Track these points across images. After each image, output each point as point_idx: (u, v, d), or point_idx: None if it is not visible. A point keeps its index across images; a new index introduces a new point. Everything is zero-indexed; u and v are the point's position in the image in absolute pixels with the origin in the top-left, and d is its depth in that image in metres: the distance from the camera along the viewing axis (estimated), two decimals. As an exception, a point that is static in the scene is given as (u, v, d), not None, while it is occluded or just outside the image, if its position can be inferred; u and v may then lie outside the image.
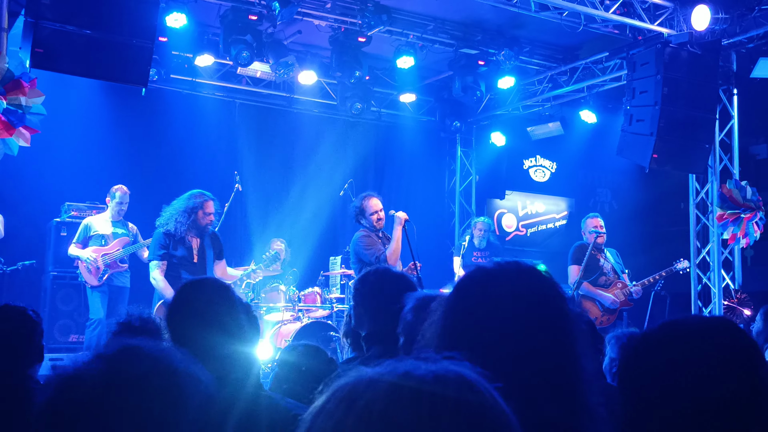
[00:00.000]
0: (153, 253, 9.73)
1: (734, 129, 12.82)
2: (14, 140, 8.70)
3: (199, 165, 13.98)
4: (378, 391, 1.26)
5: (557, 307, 2.16)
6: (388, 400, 1.24)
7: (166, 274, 9.56)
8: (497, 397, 1.32)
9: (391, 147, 16.76)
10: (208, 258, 9.86)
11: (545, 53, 14.51)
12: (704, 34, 11.46)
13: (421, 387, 1.26)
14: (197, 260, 9.75)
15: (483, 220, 14.13)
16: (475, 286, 2.21)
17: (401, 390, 1.25)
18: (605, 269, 11.39)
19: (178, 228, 9.61)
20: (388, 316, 4.80)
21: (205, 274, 9.60)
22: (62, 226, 12.39)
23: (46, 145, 11.14)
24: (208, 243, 9.91)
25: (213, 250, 9.96)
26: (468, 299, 2.19)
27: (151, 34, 9.20)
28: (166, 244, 9.62)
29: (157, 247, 9.67)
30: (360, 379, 1.30)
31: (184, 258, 9.67)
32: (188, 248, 9.72)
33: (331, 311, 12.09)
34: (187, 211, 9.65)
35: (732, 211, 12.03)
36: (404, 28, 12.83)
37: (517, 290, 2.16)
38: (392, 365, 1.33)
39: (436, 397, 1.25)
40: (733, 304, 12.17)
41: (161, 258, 9.60)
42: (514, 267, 2.24)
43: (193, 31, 12.55)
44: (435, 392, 1.26)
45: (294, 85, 14.96)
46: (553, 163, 18.33)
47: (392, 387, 1.26)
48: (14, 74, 8.62)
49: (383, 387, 1.26)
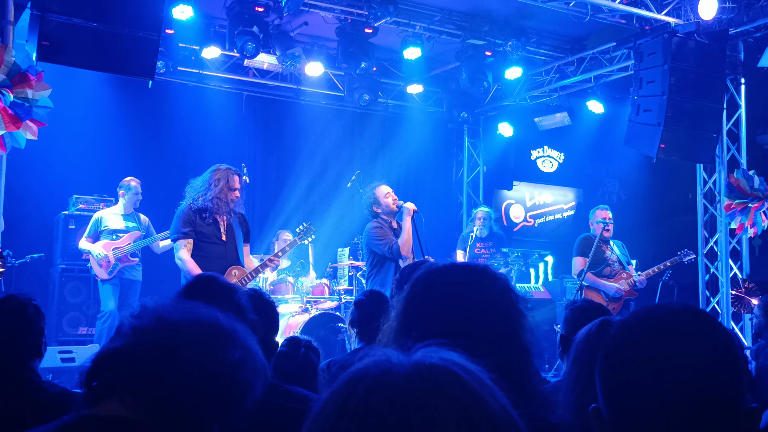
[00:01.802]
0: (176, 231, 8.81)
1: (742, 118, 12.80)
2: (21, 133, 8.71)
3: (207, 157, 13.90)
4: (367, 390, 1.27)
5: (504, 295, 2.40)
6: (375, 399, 1.25)
7: (193, 254, 8.72)
8: (482, 383, 1.33)
9: (398, 138, 16.74)
10: (238, 238, 9.05)
11: (552, 43, 14.48)
12: (711, 23, 11.42)
13: (403, 380, 1.28)
14: (225, 238, 8.93)
15: (482, 209, 14.04)
16: (429, 276, 2.46)
17: (384, 386, 1.27)
18: (610, 261, 11.38)
19: (204, 202, 8.81)
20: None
21: (235, 253, 8.99)
22: (70, 219, 12.41)
23: (53, 138, 11.18)
24: (236, 223, 9.09)
25: (242, 229, 9.14)
26: (420, 288, 2.43)
27: (157, 26, 9.20)
28: (191, 221, 8.77)
29: (180, 225, 8.79)
30: (351, 379, 1.32)
31: (212, 235, 8.85)
32: (216, 225, 8.88)
33: (340, 302, 12.07)
34: (212, 184, 8.86)
35: (740, 200, 12.00)
36: (411, 19, 12.81)
37: (465, 279, 2.42)
38: (375, 358, 1.35)
39: (418, 389, 1.26)
40: (741, 293, 12.15)
41: (186, 236, 8.73)
42: (467, 263, 2.53)
43: (199, 23, 12.58)
44: (417, 384, 1.27)
45: (301, 77, 14.95)
46: (561, 154, 18.33)
47: (377, 383, 1.28)
48: (21, 67, 8.63)
49: (369, 385, 1.27)
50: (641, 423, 1.75)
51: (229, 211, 8.97)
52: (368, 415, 1.24)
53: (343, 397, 1.29)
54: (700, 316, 1.81)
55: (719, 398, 1.70)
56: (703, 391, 1.69)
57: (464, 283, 2.40)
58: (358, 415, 1.25)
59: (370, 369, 1.31)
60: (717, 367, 1.71)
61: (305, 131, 15.80)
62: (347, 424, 1.25)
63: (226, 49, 13.01)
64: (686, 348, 1.73)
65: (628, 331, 1.83)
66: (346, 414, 1.26)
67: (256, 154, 15.15)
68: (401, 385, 1.26)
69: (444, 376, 1.29)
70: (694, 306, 1.88)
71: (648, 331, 1.79)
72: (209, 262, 8.63)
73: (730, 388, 1.71)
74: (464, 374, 1.31)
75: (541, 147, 18.16)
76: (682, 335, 1.75)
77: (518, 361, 2.33)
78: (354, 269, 12.71)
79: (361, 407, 1.25)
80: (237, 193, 9.00)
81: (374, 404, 1.24)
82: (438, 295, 2.38)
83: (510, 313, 2.38)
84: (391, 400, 1.24)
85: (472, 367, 1.35)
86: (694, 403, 1.69)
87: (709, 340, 1.75)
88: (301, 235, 10.12)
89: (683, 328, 1.77)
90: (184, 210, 8.86)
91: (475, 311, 2.33)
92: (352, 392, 1.28)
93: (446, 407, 1.24)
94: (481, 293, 2.38)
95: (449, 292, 2.37)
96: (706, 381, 1.70)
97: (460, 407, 1.25)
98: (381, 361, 1.33)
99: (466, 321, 2.31)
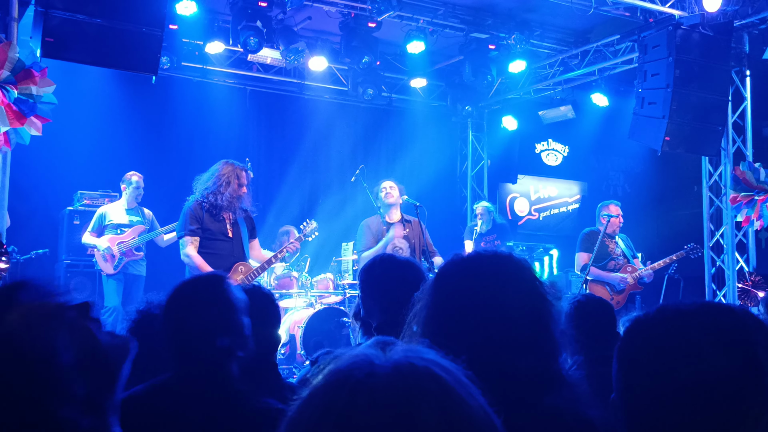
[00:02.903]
0: (183, 228, 8.75)
1: (747, 111, 12.78)
2: (26, 129, 8.74)
3: (211, 152, 13.89)
4: (351, 394, 1.26)
5: (532, 287, 2.37)
6: (360, 404, 1.24)
7: (199, 251, 8.66)
8: (454, 382, 1.32)
9: (402, 132, 16.75)
10: (243, 235, 9.00)
11: (556, 37, 14.46)
12: (716, 15, 11.40)
13: (383, 383, 1.26)
14: (232, 235, 8.88)
15: (481, 204, 14.01)
16: (456, 269, 2.45)
17: (367, 389, 1.26)
18: (615, 255, 11.37)
19: (213, 198, 8.74)
20: (397, 304, 4.82)
21: (241, 250, 8.96)
22: (75, 215, 12.42)
23: (57, 134, 11.16)
24: (242, 219, 9.02)
25: (246, 226, 9.08)
26: (450, 282, 2.42)
27: (161, 22, 9.23)
28: (198, 217, 8.72)
29: (187, 222, 8.72)
30: (334, 381, 1.30)
31: (219, 232, 8.80)
32: (222, 222, 8.83)
33: (344, 297, 12.07)
34: (221, 179, 8.78)
35: (746, 193, 11.98)
36: (414, 13, 12.78)
37: (494, 270, 2.39)
38: (355, 359, 1.33)
39: (399, 391, 1.26)
40: (747, 286, 12.14)
41: (193, 233, 8.68)
42: (492, 252, 2.47)
43: (203, 19, 12.59)
44: (397, 386, 1.26)
45: (305, 72, 14.94)
46: (566, 147, 18.32)
47: (360, 386, 1.26)
48: (25, 64, 8.65)
49: (353, 389, 1.26)
50: (653, 415, 1.75)
51: (237, 208, 8.91)
52: (352, 419, 1.23)
53: (326, 402, 1.27)
54: (721, 315, 1.81)
55: (729, 396, 1.69)
56: (714, 387, 1.69)
57: (494, 274, 2.38)
58: (342, 420, 1.24)
59: (353, 372, 1.29)
60: (728, 365, 1.71)
61: (309, 126, 15.80)
62: (330, 428, 1.24)
63: (230, 44, 13.03)
64: (698, 345, 1.73)
65: (644, 324, 1.84)
66: (329, 419, 1.25)
67: (260, 148, 15.15)
68: (384, 389, 1.25)
69: (425, 378, 1.28)
70: (716, 303, 1.88)
71: (663, 326, 1.80)
72: (216, 259, 8.64)
73: (741, 386, 1.70)
74: (445, 375, 1.30)
75: (546, 140, 18.15)
76: (695, 332, 1.75)
77: (550, 352, 2.32)
78: (358, 263, 12.70)
79: (346, 412, 1.24)
80: (245, 189, 8.96)
81: (359, 409, 1.23)
82: (469, 288, 2.36)
83: (540, 304, 2.36)
84: (375, 405, 1.23)
85: (450, 366, 1.34)
86: (705, 398, 1.69)
87: (724, 339, 1.74)
88: (305, 232, 10.06)
89: (697, 326, 1.77)
90: (192, 206, 8.80)
91: (507, 304, 2.32)
92: (335, 396, 1.27)
93: (429, 410, 1.23)
94: (512, 284, 2.36)
95: (479, 285, 2.35)
96: (716, 377, 1.69)
97: (442, 410, 1.25)
98: (362, 362, 1.31)
99: (499, 313, 2.29)
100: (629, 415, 1.82)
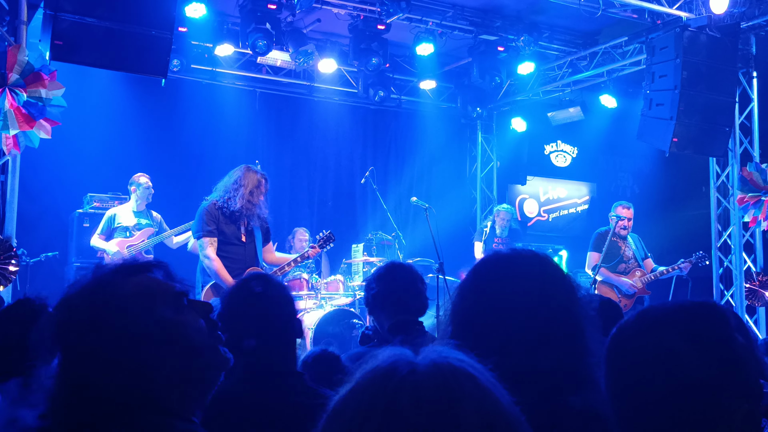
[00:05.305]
0: (201, 229, 8.71)
1: (754, 112, 12.77)
2: (35, 132, 8.77)
3: (221, 154, 13.98)
4: (395, 390, 1.29)
5: (567, 289, 2.38)
6: (404, 400, 1.27)
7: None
8: (487, 382, 1.35)
9: (411, 134, 16.77)
10: (257, 240, 8.97)
11: (564, 38, 14.46)
12: (723, 17, 11.40)
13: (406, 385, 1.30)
14: (246, 240, 8.88)
15: (506, 209, 14.02)
16: (493, 267, 2.46)
17: (410, 386, 1.29)
18: (626, 257, 11.40)
19: (232, 202, 8.72)
20: (404, 305, 4.89)
21: (254, 254, 8.94)
22: (85, 217, 12.42)
23: (67, 137, 11.20)
24: (256, 224, 8.95)
25: (261, 231, 9.03)
26: (486, 280, 2.42)
27: (170, 24, 9.23)
28: (215, 218, 8.70)
29: (204, 222, 8.69)
30: (376, 377, 1.34)
31: (233, 236, 8.78)
32: (237, 226, 8.82)
33: (354, 299, 12.09)
34: (243, 185, 8.77)
35: (753, 193, 11.99)
36: (423, 15, 12.79)
37: (530, 271, 2.40)
38: (395, 357, 1.37)
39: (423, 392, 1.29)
40: (755, 286, 12.15)
41: (211, 234, 8.65)
42: (529, 252, 2.49)
43: (212, 21, 12.64)
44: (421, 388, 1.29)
45: (314, 74, 14.97)
46: (575, 148, 18.32)
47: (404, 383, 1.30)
48: (34, 67, 8.68)
49: (397, 386, 1.30)
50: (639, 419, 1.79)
51: (253, 214, 8.90)
52: (397, 414, 1.26)
53: (370, 396, 1.30)
54: (697, 317, 1.84)
55: (709, 394, 1.73)
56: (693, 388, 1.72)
57: (532, 275, 2.40)
58: (386, 414, 1.26)
59: (395, 369, 1.32)
60: (705, 365, 1.74)
61: (319, 128, 15.84)
62: (374, 425, 1.26)
63: (239, 46, 13.06)
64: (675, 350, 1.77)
65: (625, 332, 1.88)
66: (374, 413, 1.27)
67: (270, 150, 15.15)
68: (427, 386, 1.28)
69: (464, 377, 1.32)
70: (693, 303, 1.91)
71: (643, 334, 1.83)
72: (229, 263, 8.64)
73: (719, 383, 1.74)
74: (478, 375, 1.34)
75: (555, 141, 18.16)
76: (671, 337, 1.79)
77: (580, 353, 2.33)
78: (368, 265, 12.72)
79: (391, 406, 1.27)
80: (263, 197, 8.98)
81: (403, 404, 1.26)
82: (508, 289, 2.37)
83: (575, 306, 2.38)
84: (419, 400, 1.26)
85: (480, 367, 1.37)
86: (685, 400, 1.72)
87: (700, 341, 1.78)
88: (321, 242, 9.80)
89: (674, 331, 1.80)
90: (208, 207, 8.80)
91: (545, 305, 2.33)
92: (380, 391, 1.30)
93: (470, 408, 1.27)
94: (550, 285, 2.39)
95: (518, 286, 2.37)
96: (695, 378, 1.73)
97: (481, 407, 1.28)
98: (403, 360, 1.34)
99: (535, 313, 2.31)
100: (619, 419, 1.86)
